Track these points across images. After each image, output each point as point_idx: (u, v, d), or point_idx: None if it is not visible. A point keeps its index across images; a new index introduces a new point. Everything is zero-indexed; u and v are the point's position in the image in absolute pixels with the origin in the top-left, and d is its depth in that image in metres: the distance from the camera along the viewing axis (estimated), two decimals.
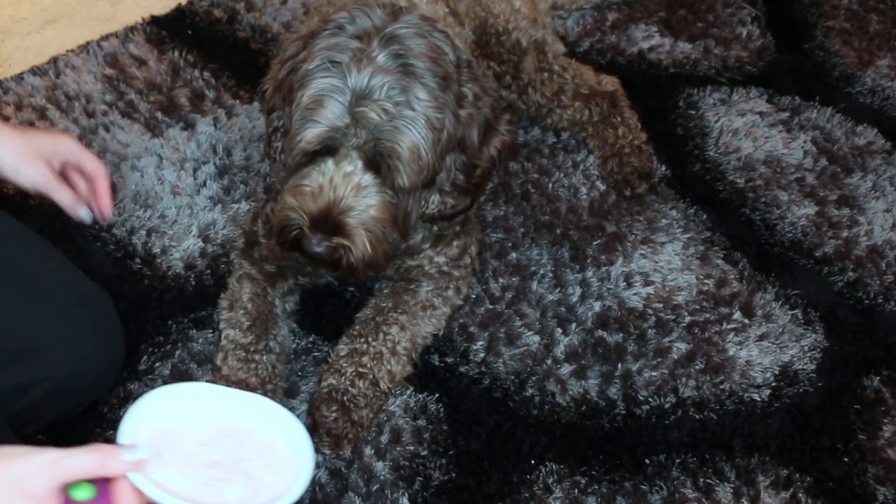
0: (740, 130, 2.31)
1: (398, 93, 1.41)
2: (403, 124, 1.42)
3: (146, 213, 2.01)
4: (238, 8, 2.54)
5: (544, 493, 1.63)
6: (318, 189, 1.47)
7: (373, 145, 1.43)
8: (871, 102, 2.45)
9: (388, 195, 1.49)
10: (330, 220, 1.47)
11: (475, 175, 1.60)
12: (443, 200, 1.61)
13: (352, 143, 1.44)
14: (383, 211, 1.50)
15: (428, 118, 1.44)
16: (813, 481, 1.68)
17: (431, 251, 1.77)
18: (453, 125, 1.49)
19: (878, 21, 2.69)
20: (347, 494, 1.60)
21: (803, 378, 1.83)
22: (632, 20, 2.60)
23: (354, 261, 1.49)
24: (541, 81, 2.14)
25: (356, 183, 1.47)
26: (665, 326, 1.88)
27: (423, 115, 1.43)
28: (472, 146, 1.55)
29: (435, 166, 1.50)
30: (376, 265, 1.54)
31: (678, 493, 1.64)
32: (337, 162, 1.47)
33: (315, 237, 1.47)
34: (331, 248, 1.47)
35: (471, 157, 1.57)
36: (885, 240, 2.09)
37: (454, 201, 1.61)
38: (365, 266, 1.51)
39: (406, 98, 1.42)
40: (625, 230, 2.06)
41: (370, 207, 1.48)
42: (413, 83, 1.43)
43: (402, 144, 1.43)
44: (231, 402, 1.28)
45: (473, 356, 1.81)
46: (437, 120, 1.45)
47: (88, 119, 2.20)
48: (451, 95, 1.48)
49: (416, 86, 1.43)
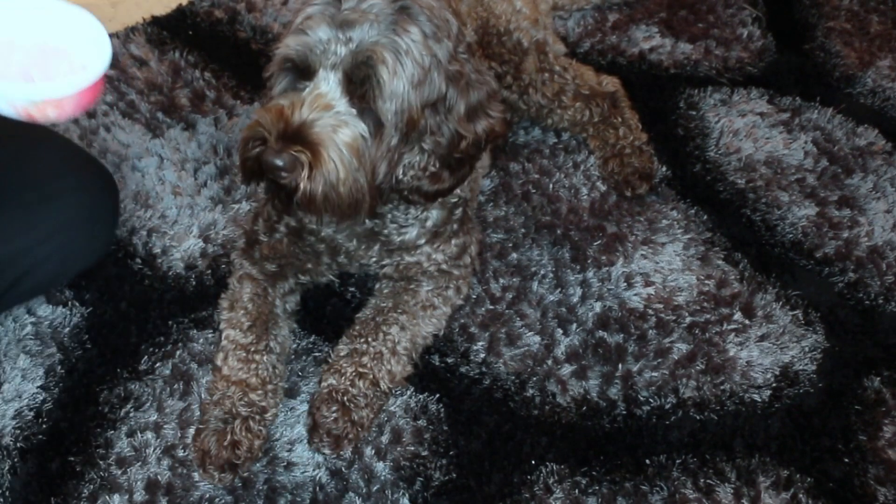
0: (741, 131, 2.32)
1: (389, 23, 1.39)
2: (388, 49, 1.39)
3: (147, 214, 2.01)
4: (239, 8, 2.54)
5: (545, 493, 1.63)
6: (290, 105, 1.43)
7: (351, 59, 1.39)
8: (872, 103, 2.45)
9: (361, 130, 1.44)
10: (294, 133, 1.40)
11: (459, 148, 1.54)
12: (422, 167, 1.53)
13: (331, 62, 1.41)
14: (354, 141, 1.43)
15: (414, 55, 1.41)
16: (813, 482, 1.68)
17: (429, 247, 1.76)
18: (439, 76, 1.45)
19: (879, 22, 2.69)
20: (348, 495, 1.60)
21: (804, 379, 1.83)
22: (632, 21, 2.61)
23: (315, 182, 1.40)
24: (542, 82, 2.14)
25: (327, 101, 1.42)
26: (666, 327, 1.88)
27: (409, 49, 1.40)
28: (457, 112, 1.51)
29: (413, 112, 1.45)
30: (339, 201, 1.45)
31: (679, 493, 1.64)
32: (315, 83, 1.43)
33: (277, 147, 1.39)
34: (292, 157, 1.39)
35: (456, 124, 1.52)
36: (885, 240, 2.09)
37: (433, 170, 1.55)
38: (324, 196, 1.42)
39: (396, 30, 1.40)
40: (625, 231, 2.06)
41: (339, 130, 1.42)
42: (406, 21, 1.41)
43: (385, 62, 1.39)
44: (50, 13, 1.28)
45: (474, 356, 1.81)
46: (423, 60, 1.42)
47: (89, 119, 2.20)
48: (442, 49, 1.45)
49: (408, 23, 1.41)
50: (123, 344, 1.79)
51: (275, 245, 1.75)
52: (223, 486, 1.59)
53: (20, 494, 1.57)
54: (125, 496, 1.57)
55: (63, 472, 1.59)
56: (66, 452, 1.62)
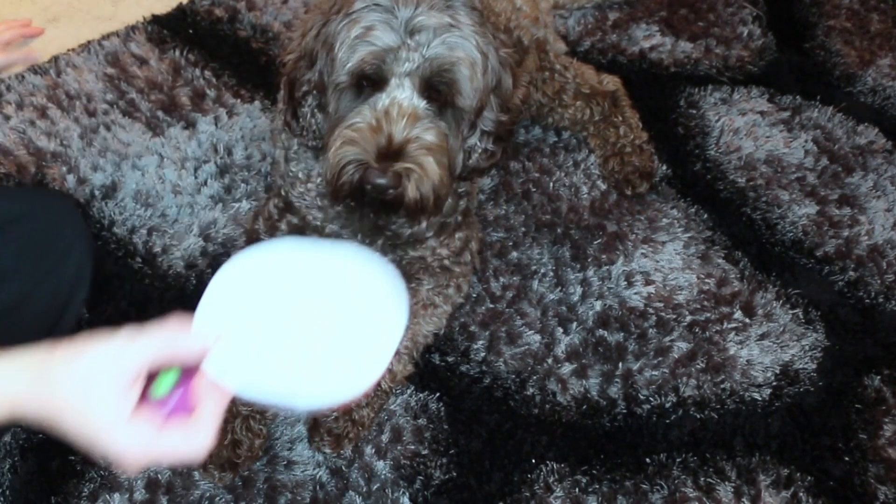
0: (741, 130, 2.31)
1: (447, 18, 1.41)
2: (456, 42, 1.41)
3: (147, 212, 2.01)
4: (239, 7, 2.53)
5: (545, 492, 1.63)
6: (376, 122, 1.43)
7: (429, 67, 1.41)
8: (872, 102, 2.45)
9: (443, 129, 1.46)
10: (392, 149, 1.41)
11: (506, 121, 1.58)
12: (484, 147, 1.57)
13: (404, 69, 1.41)
14: (442, 142, 1.46)
15: (477, 41, 1.43)
16: (814, 480, 1.68)
17: (434, 241, 1.76)
18: (496, 60, 1.48)
19: (880, 20, 2.69)
20: (348, 493, 1.60)
21: (804, 377, 1.83)
22: (633, 19, 2.60)
23: (423, 191, 1.43)
24: (542, 80, 2.14)
25: (412, 111, 1.43)
26: (666, 326, 1.88)
27: (472, 38, 1.42)
28: (507, 89, 1.54)
29: (483, 98, 1.48)
30: (440, 200, 1.48)
31: (679, 492, 1.64)
32: (389, 93, 1.43)
33: (381, 167, 1.40)
34: (396, 174, 1.40)
35: (505, 101, 1.55)
36: (885, 239, 2.09)
37: (492, 147, 1.58)
38: (427, 197, 1.44)
39: (455, 21, 1.41)
40: (626, 229, 2.06)
41: (428, 132, 1.44)
42: (458, 12, 1.42)
43: (461, 60, 1.41)
44: (319, 260, 1.09)
45: (474, 355, 1.81)
46: (483, 44, 1.45)
47: (89, 118, 2.20)
48: (489, 32, 1.48)
49: (460, 13, 1.43)
50: None
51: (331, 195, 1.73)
52: (224, 484, 1.59)
53: (21, 493, 1.57)
54: (125, 495, 1.57)
55: (63, 470, 1.59)
56: (67, 451, 1.62)
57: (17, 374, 0.99)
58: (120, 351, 0.95)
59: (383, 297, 1.06)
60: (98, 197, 2.03)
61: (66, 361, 0.96)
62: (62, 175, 2.07)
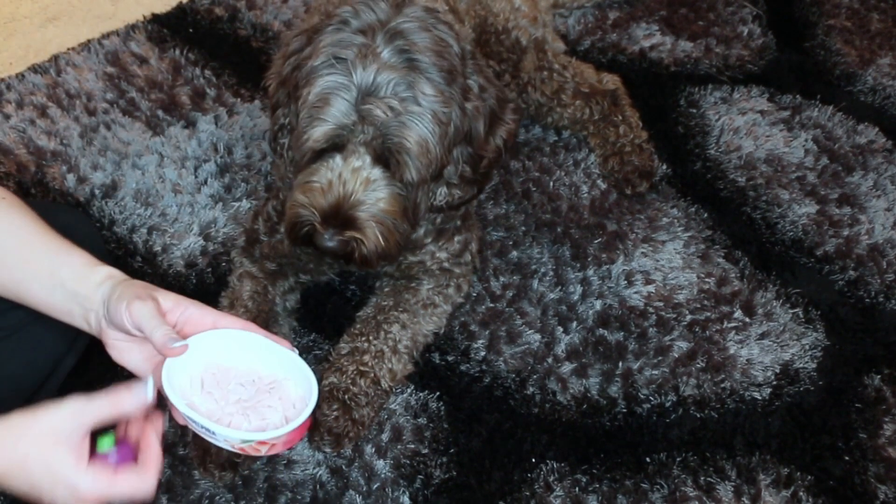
0: (741, 129, 2.31)
1: (404, 89, 1.41)
2: (410, 119, 1.42)
3: (147, 212, 2.01)
4: (239, 6, 2.54)
5: (545, 491, 1.63)
6: (328, 185, 1.48)
7: (381, 141, 1.43)
8: (873, 101, 2.45)
9: (398, 188, 1.50)
10: (341, 215, 1.47)
11: (482, 166, 1.60)
12: (450, 192, 1.61)
13: (359, 140, 1.44)
14: (393, 203, 1.50)
15: (434, 113, 1.44)
16: (814, 480, 1.68)
17: (433, 246, 1.76)
18: (459, 118, 1.49)
19: (880, 20, 2.69)
20: (348, 492, 1.60)
21: (804, 376, 1.83)
22: (633, 19, 2.60)
23: (367, 253, 1.49)
24: (540, 80, 2.14)
25: (365, 177, 1.47)
26: (666, 325, 1.88)
27: (430, 110, 1.43)
28: (478, 138, 1.55)
29: (443, 159, 1.50)
30: (389, 256, 1.54)
31: (679, 491, 1.64)
32: (345, 157, 1.47)
33: (327, 232, 1.47)
34: (343, 241, 1.48)
35: (477, 149, 1.57)
36: (885, 238, 2.09)
37: (461, 192, 1.62)
38: (378, 257, 1.52)
39: (412, 94, 1.42)
40: (626, 229, 2.06)
41: (380, 200, 1.48)
42: (419, 78, 1.42)
43: (410, 139, 1.43)
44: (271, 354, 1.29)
45: (474, 354, 1.81)
46: (443, 114, 1.45)
47: (89, 117, 2.20)
48: (456, 89, 1.48)
49: (421, 81, 1.42)
50: None
51: (276, 245, 1.75)
52: (223, 484, 1.59)
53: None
54: None
55: None
56: None
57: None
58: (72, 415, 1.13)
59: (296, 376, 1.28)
60: (98, 196, 2.03)
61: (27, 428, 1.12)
62: (62, 174, 2.07)
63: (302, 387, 1.27)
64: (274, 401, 1.26)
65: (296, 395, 1.27)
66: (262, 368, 1.28)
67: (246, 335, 1.28)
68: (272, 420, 1.24)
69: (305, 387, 1.26)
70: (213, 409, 1.23)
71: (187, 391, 1.23)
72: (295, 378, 1.28)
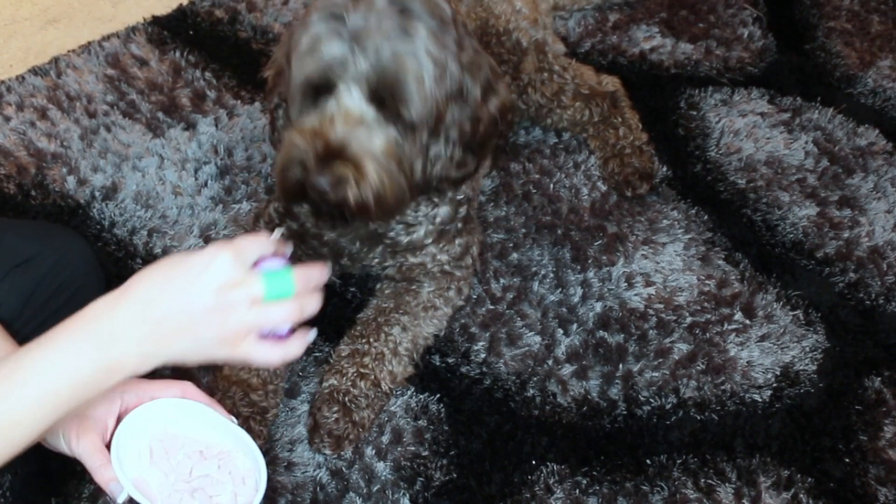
0: (741, 131, 2.31)
1: (398, 28, 1.38)
2: (405, 51, 1.38)
3: (147, 214, 2.01)
4: (239, 8, 2.54)
5: (545, 493, 1.63)
6: (319, 124, 1.42)
7: (374, 74, 1.38)
8: (873, 103, 2.45)
9: (394, 130, 1.44)
10: (333, 151, 1.40)
11: (479, 132, 1.55)
12: (448, 156, 1.54)
13: (351, 75, 1.39)
14: (389, 146, 1.43)
15: (430, 52, 1.40)
16: (814, 482, 1.68)
17: (434, 248, 1.76)
18: (456, 67, 1.46)
19: (880, 22, 2.69)
20: (348, 495, 1.60)
21: (804, 379, 1.83)
22: (633, 21, 2.61)
23: (364, 195, 1.41)
24: (541, 81, 2.14)
25: (358, 115, 1.41)
26: (666, 327, 1.88)
27: (424, 49, 1.40)
28: (474, 98, 1.51)
29: (440, 107, 1.45)
30: (388, 205, 1.45)
31: (679, 493, 1.64)
32: (338, 98, 1.41)
33: (318, 169, 1.39)
34: (336, 177, 1.39)
35: (474, 110, 1.52)
36: (886, 240, 2.09)
37: (459, 157, 1.55)
38: (376, 204, 1.43)
39: (406, 32, 1.39)
40: (626, 231, 2.06)
41: (375, 138, 1.42)
42: (412, 21, 1.40)
43: (408, 73, 1.39)
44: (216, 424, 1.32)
45: (475, 356, 1.81)
46: (438, 55, 1.42)
47: (90, 119, 2.20)
48: (450, 38, 1.44)
49: (415, 23, 1.40)
50: None
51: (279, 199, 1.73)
52: None
53: (21, 494, 1.57)
54: None
55: (64, 471, 1.59)
56: None
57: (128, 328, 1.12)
58: None
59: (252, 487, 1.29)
60: (98, 198, 2.03)
61: None
62: (62, 176, 2.07)
63: (250, 459, 1.28)
64: (224, 475, 1.27)
65: (244, 469, 1.28)
66: (211, 437, 1.29)
67: (190, 403, 1.29)
68: (221, 500, 1.25)
69: (253, 459, 1.27)
70: (162, 484, 1.24)
71: (136, 464, 1.24)
72: (242, 449, 1.29)
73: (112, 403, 1.26)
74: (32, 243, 1.52)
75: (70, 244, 1.59)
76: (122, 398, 1.26)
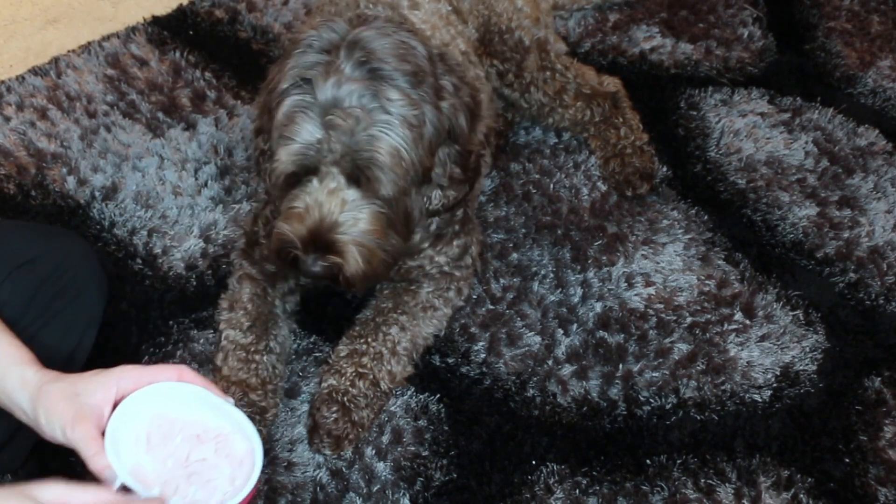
0: (741, 131, 2.31)
1: (368, 98, 1.39)
2: (378, 130, 1.40)
3: (147, 214, 2.01)
4: (239, 8, 2.54)
5: (545, 493, 1.63)
6: (305, 210, 1.47)
7: (350, 159, 1.42)
8: (873, 103, 2.45)
9: (377, 205, 1.48)
10: (321, 240, 1.47)
11: (470, 162, 1.58)
12: (444, 195, 1.59)
13: (329, 159, 1.43)
14: (374, 222, 1.49)
15: (404, 117, 1.42)
16: (814, 482, 1.68)
17: (431, 251, 1.76)
18: (436, 118, 1.47)
19: (880, 22, 2.69)
20: (348, 494, 1.60)
21: (804, 379, 1.83)
22: (633, 21, 2.61)
23: (350, 276, 1.49)
24: (543, 80, 2.14)
25: (341, 199, 1.46)
26: (666, 327, 1.88)
27: (399, 116, 1.41)
28: (462, 134, 1.53)
29: (424, 163, 1.48)
30: (374, 276, 1.55)
31: (679, 493, 1.64)
32: (321, 180, 1.46)
33: (309, 258, 1.48)
34: (326, 266, 1.48)
35: (464, 146, 1.55)
36: (886, 240, 2.09)
37: (455, 192, 1.60)
38: (362, 279, 1.51)
39: (378, 103, 1.40)
40: (626, 231, 2.06)
41: (359, 221, 1.48)
42: (382, 86, 1.40)
43: (381, 151, 1.41)
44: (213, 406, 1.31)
45: (474, 357, 1.81)
46: (414, 117, 1.43)
47: (90, 119, 2.20)
48: (427, 89, 1.46)
49: (385, 88, 1.40)
50: (124, 344, 1.79)
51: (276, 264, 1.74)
52: None
53: None
54: None
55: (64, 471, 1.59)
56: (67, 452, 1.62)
57: None
58: None
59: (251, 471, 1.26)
60: (98, 198, 2.03)
61: None
62: (62, 176, 2.07)
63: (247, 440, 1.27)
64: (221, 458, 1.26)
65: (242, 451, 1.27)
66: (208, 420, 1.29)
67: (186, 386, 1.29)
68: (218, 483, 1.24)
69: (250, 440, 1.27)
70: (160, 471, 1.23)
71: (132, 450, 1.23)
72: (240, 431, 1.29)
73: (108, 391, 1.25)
74: (35, 244, 1.53)
75: (72, 246, 1.60)
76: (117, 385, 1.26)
